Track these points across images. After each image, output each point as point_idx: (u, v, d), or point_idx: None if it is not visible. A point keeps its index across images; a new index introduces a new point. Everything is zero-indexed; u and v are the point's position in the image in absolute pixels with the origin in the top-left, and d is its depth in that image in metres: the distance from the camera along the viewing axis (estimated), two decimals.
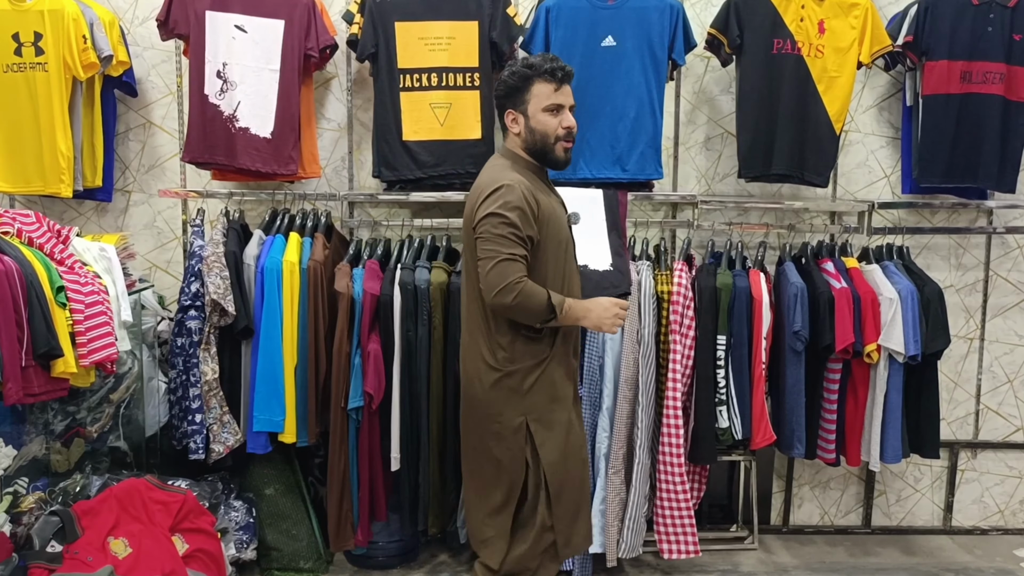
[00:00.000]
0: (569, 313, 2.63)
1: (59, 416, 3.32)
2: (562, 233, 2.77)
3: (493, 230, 2.59)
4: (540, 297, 2.58)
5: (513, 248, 2.58)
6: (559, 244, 2.75)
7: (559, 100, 2.71)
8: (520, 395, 2.73)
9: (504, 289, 2.55)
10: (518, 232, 2.59)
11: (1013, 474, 4.31)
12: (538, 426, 2.75)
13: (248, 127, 3.65)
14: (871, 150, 4.12)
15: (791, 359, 3.66)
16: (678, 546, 3.62)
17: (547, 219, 2.69)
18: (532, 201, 2.63)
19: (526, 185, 2.66)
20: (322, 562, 3.75)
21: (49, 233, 3.05)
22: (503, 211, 2.59)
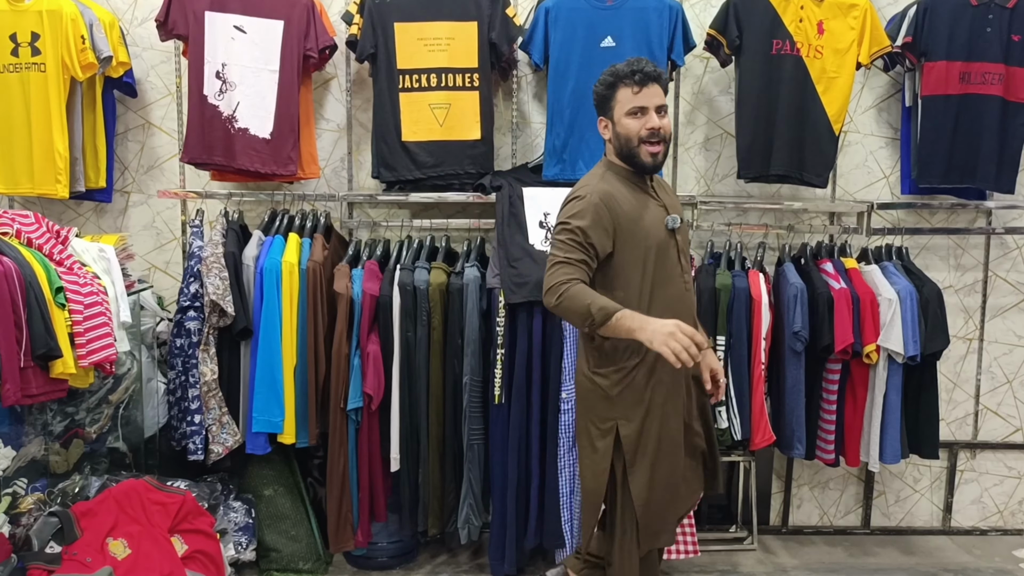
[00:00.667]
0: (620, 323, 2.51)
1: (58, 417, 3.32)
2: (649, 240, 2.73)
3: (558, 236, 2.69)
4: (582, 302, 2.54)
5: (570, 252, 2.63)
6: (646, 250, 2.72)
7: (641, 102, 2.71)
8: (603, 402, 2.79)
9: (550, 290, 2.60)
10: (578, 238, 2.63)
11: (1012, 475, 4.31)
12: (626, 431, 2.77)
13: (247, 128, 3.65)
14: (870, 151, 4.12)
15: (790, 359, 3.66)
16: (677, 546, 3.62)
17: (630, 226, 2.70)
18: (605, 211, 2.67)
19: (606, 194, 2.70)
20: (321, 563, 3.75)
21: (48, 234, 3.05)
22: (568, 219, 2.67)
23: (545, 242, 3.55)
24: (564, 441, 3.49)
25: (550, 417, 3.52)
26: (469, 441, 3.54)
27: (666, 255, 2.78)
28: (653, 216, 2.77)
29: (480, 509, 3.62)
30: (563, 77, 3.68)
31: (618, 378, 2.76)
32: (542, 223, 3.59)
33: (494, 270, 3.54)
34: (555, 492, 3.52)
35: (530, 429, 3.51)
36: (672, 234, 2.80)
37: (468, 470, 3.56)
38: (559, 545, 3.56)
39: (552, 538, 3.55)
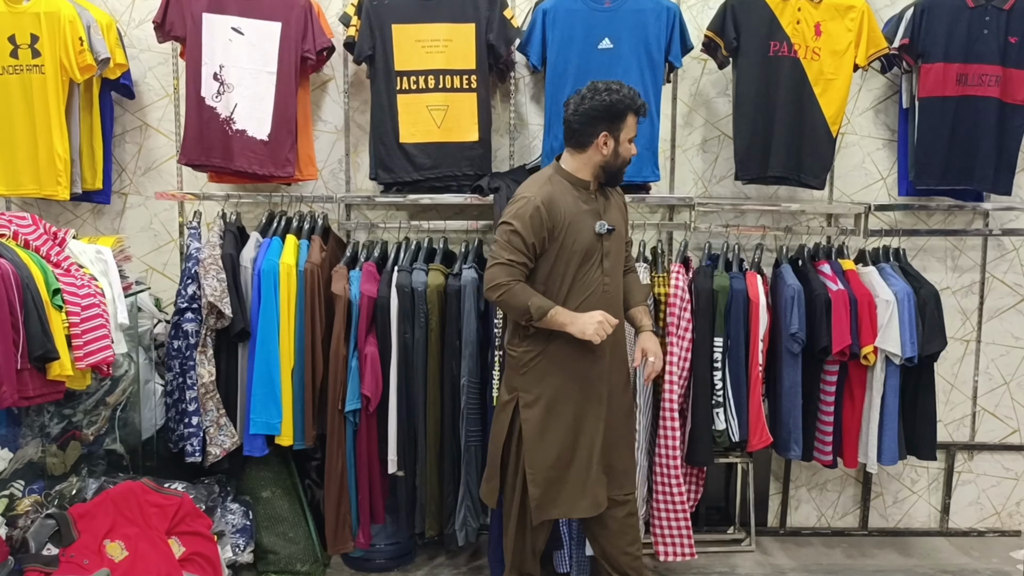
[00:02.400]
0: (553, 318, 2.95)
1: (55, 419, 3.31)
2: (582, 242, 3.03)
3: (501, 237, 2.99)
4: (521, 299, 2.95)
5: (512, 254, 2.96)
6: (575, 253, 3.02)
7: (635, 132, 3.08)
8: (516, 375, 3.12)
9: (494, 287, 2.98)
10: (518, 241, 2.95)
11: (1010, 476, 4.31)
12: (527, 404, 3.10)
13: (245, 129, 3.65)
14: (867, 152, 4.13)
15: (788, 361, 3.67)
16: (674, 548, 3.62)
17: (563, 229, 3.00)
18: (545, 214, 2.96)
19: (548, 197, 2.98)
20: (319, 565, 3.74)
21: (45, 236, 3.05)
22: (512, 220, 2.97)
23: None
24: None
25: None
26: (467, 443, 3.54)
27: (590, 258, 3.06)
28: (586, 221, 3.05)
29: (478, 511, 3.62)
30: (561, 79, 3.68)
31: (528, 358, 3.09)
32: None
33: None
34: None
35: None
36: (599, 238, 3.06)
37: (466, 472, 3.56)
38: (557, 546, 3.56)
39: (550, 540, 3.55)
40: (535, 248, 2.97)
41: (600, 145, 3.02)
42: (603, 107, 2.97)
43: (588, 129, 3.00)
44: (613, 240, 3.12)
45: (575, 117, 3.01)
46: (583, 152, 3.05)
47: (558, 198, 3.00)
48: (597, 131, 3.00)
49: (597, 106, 2.97)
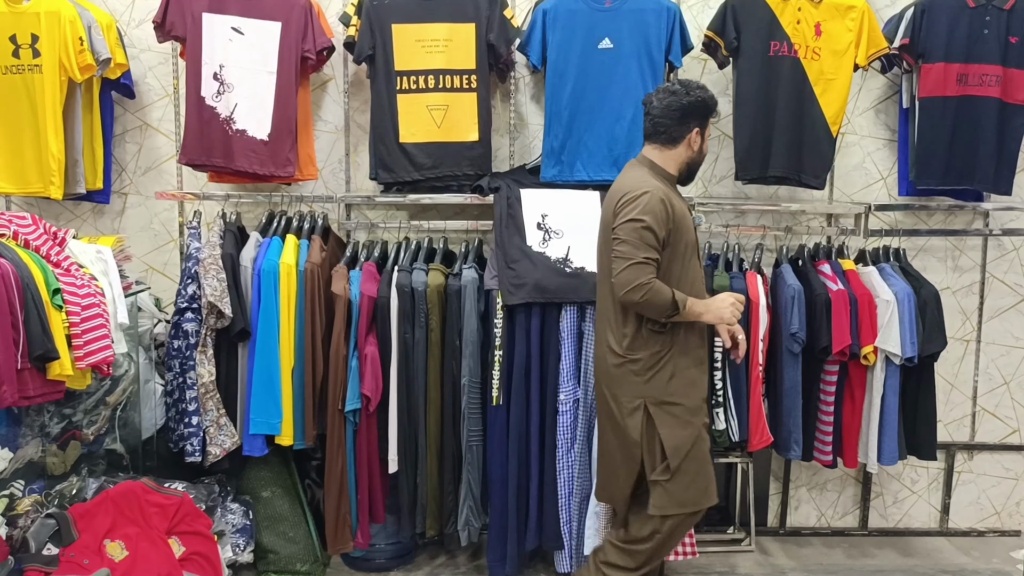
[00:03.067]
0: (691, 309, 2.95)
1: (55, 419, 3.31)
2: (690, 235, 3.07)
3: (631, 234, 2.91)
4: (666, 295, 2.89)
5: (647, 252, 2.90)
6: (687, 245, 3.04)
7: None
8: (641, 380, 3.03)
9: (635, 288, 2.87)
10: (649, 237, 2.90)
11: (1010, 476, 4.31)
12: (656, 409, 3.02)
13: (245, 129, 3.65)
14: (868, 152, 4.13)
15: (788, 361, 3.67)
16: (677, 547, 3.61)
17: (679, 222, 2.99)
18: (669, 205, 2.94)
19: (665, 193, 2.97)
20: (319, 565, 3.74)
21: (45, 235, 3.05)
22: (642, 216, 2.90)
23: (543, 243, 3.56)
24: (563, 442, 3.49)
25: (548, 418, 3.52)
26: (467, 442, 3.54)
27: (694, 252, 3.11)
28: (687, 215, 3.07)
29: (479, 511, 3.62)
30: (561, 79, 3.68)
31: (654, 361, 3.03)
32: (540, 224, 3.59)
33: (492, 271, 3.54)
34: (554, 494, 3.52)
35: (529, 430, 3.51)
36: (695, 231, 3.15)
37: (467, 471, 3.56)
38: (558, 547, 3.56)
39: (551, 540, 3.56)
40: (664, 242, 2.95)
41: (692, 141, 3.06)
42: (699, 104, 3.04)
43: (681, 126, 3.04)
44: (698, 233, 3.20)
45: (668, 113, 3.02)
46: (673, 148, 3.07)
47: (668, 191, 3.00)
48: (691, 128, 3.05)
49: (695, 102, 3.02)
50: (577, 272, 3.49)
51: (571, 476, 3.51)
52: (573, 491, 3.52)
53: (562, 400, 3.47)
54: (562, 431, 3.48)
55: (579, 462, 3.51)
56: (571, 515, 3.53)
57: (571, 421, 3.49)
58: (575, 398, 3.49)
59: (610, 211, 3.02)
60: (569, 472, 3.51)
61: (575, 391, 3.49)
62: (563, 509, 3.52)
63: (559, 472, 3.50)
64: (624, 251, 2.91)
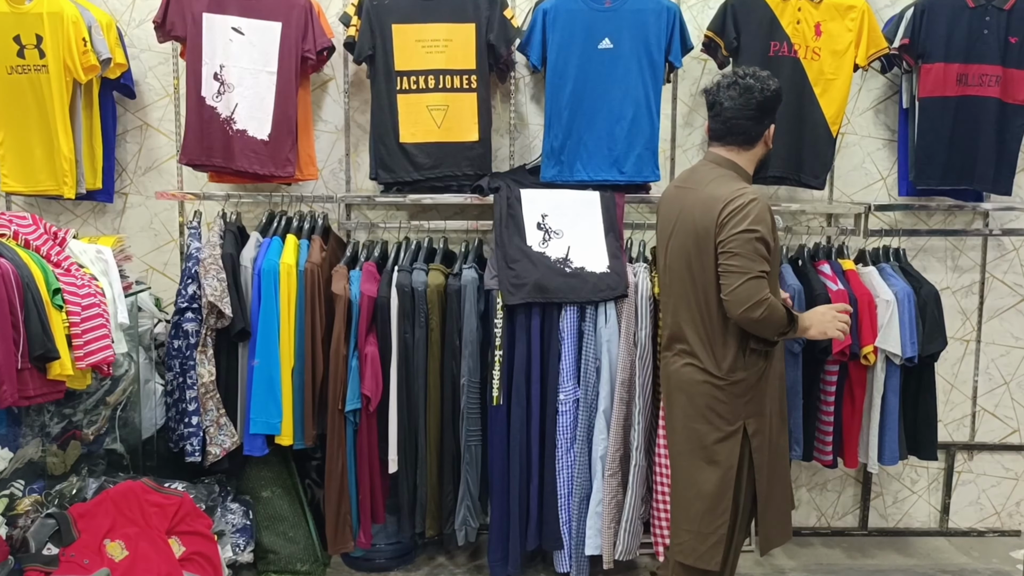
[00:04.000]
0: (801, 325, 2.80)
1: (55, 418, 3.31)
2: (778, 243, 2.91)
3: (744, 246, 2.69)
4: (781, 311, 2.72)
5: (762, 265, 2.70)
6: (779, 252, 2.93)
7: None
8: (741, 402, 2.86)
9: (755, 304, 2.66)
10: (763, 250, 2.71)
11: (1010, 476, 4.31)
12: (755, 431, 2.88)
13: (245, 129, 3.65)
14: (868, 152, 4.13)
15: (788, 361, 3.65)
16: None
17: (775, 233, 2.82)
18: (773, 218, 2.79)
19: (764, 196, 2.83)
20: (319, 565, 3.74)
21: (46, 235, 3.05)
22: (754, 226, 2.69)
23: (543, 243, 3.56)
24: (563, 442, 3.49)
25: (548, 418, 3.52)
26: (467, 442, 3.54)
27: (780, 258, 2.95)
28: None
29: (478, 510, 3.62)
30: (561, 79, 3.68)
31: (752, 380, 2.86)
32: (540, 224, 3.60)
33: (492, 271, 3.54)
34: (553, 494, 3.52)
35: (529, 430, 3.51)
36: None
37: (466, 471, 3.56)
38: (558, 547, 3.56)
39: (551, 540, 3.55)
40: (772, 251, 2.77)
41: (768, 138, 2.91)
42: (774, 98, 2.85)
43: (760, 125, 2.86)
44: None
45: (744, 113, 2.82)
46: (751, 148, 2.89)
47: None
48: (767, 124, 2.88)
49: (770, 97, 2.84)
50: (577, 272, 3.50)
51: (571, 476, 3.51)
52: (573, 491, 3.52)
53: (562, 400, 3.48)
54: (562, 431, 3.49)
55: (579, 462, 3.52)
56: (571, 515, 3.53)
57: (571, 421, 3.49)
58: (575, 398, 3.49)
59: (711, 220, 2.75)
60: (569, 472, 3.51)
61: (575, 391, 3.49)
62: (563, 509, 3.52)
63: (559, 472, 3.50)
64: (739, 265, 2.68)
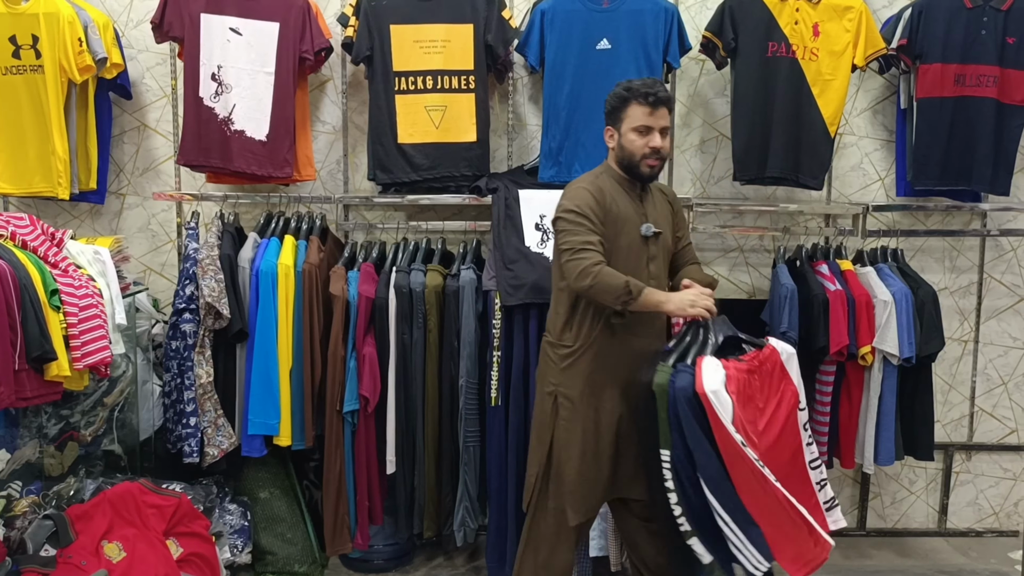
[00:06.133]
0: (649, 297, 2.79)
1: (52, 420, 3.31)
2: (632, 239, 2.94)
3: (563, 224, 2.87)
4: (617, 279, 2.76)
5: (585, 236, 2.81)
6: (618, 248, 2.91)
7: (649, 123, 2.91)
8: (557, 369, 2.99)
9: (581, 273, 2.77)
10: (586, 220, 2.83)
11: (1008, 476, 4.31)
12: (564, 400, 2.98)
13: (243, 130, 3.65)
14: (865, 153, 4.13)
15: None
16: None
17: (615, 219, 2.91)
18: (598, 204, 2.88)
19: (598, 188, 2.92)
20: (317, 566, 3.74)
21: (43, 236, 3.04)
22: (572, 206, 2.86)
23: (541, 244, 3.55)
24: None
25: None
26: (465, 443, 3.54)
27: (637, 259, 2.96)
28: (633, 221, 2.96)
29: (476, 511, 3.62)
30: (559, 79, 3.68)
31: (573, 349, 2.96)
32: (538, 225, 3.59)
33: (490, 272, 3.53)
34: None
35: (527, 431, 3.50)
36: (645, 241, 2.97)
37: (464, 472, 3.56)
38: None
39: None
40: (601, 224, 2.85)
41: (607, 139, 3.01)
42: (611, 99, 2.98)
43: (607, 126, 3.01)
44: (660, 245, 3.03)
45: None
46: (611, 150, 3.03)
47: (607, 190, 2.94)
48: (608, 125, 3.00)
49: (609, 100, 2.99)
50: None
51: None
52: None
53: None
54: None
55: None
56: None
57: None
58: None
59: None
60: None
61: None
62: None
63: None
64: (563, 242, 2.85)
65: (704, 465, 2.65)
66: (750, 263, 4.15)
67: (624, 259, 2.92)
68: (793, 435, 2.80)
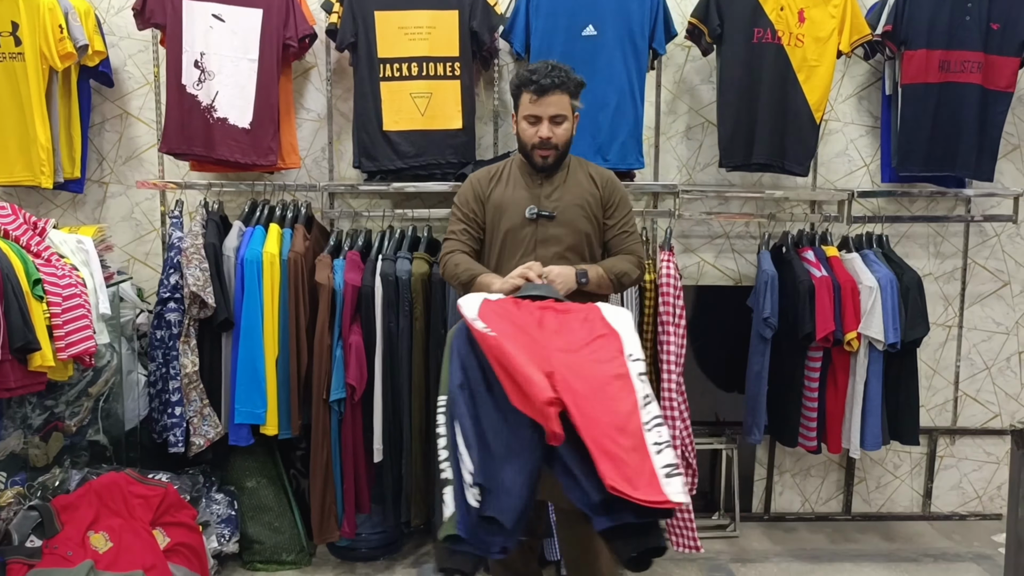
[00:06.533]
0: (482, 282, 2.85)
1: (37, 410, 3.29)
2: (504, 222, 2.94)
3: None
4: (457, 268, 2.92)
5: (454, 225, 3.02)
6: (501, 230, 2.94)
7: (536, 111, 2.85)
8: None
9: (439, 262, 3.03)
10: (458, 212, 3.01)
11: (991, 460, 4.35)
12: None
13: (226, 118, 3.62)
14: (851, 139, 4.14)
15: (756, 346, 3.71)
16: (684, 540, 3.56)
17: (495, 205, 2.97)
18: (474, 193, 3.00)
19: (486, 173, 3.03)
20: (305, 554, 3.74)
21: (25, 225, 3.02)
22: (457, 197, 3.06)
23: None
24: None
25: None
26: None
27: (521, 243, 2.93)
28: (520, 206, 2.93)
29: None
30: None
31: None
32: None
33: None
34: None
35: None
36: (532, 223, 2.92)
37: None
38: (547, 535, 3.57)
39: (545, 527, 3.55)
40: (476, 215, 2.98)
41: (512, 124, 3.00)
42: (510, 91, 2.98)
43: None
44: (566, 228, 2.93)
45: None
46: None
47: (504, 176, 2.99)
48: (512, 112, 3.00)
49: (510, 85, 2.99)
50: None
51: None
52: None
53: None
54: None
55: None
56: None
57: None
58: None
59: None
60: None
61: None
62: None
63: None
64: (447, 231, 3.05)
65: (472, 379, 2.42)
66: (736, 249, 4.15)
67: (507, 244, 2.93)
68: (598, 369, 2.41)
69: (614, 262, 2.97)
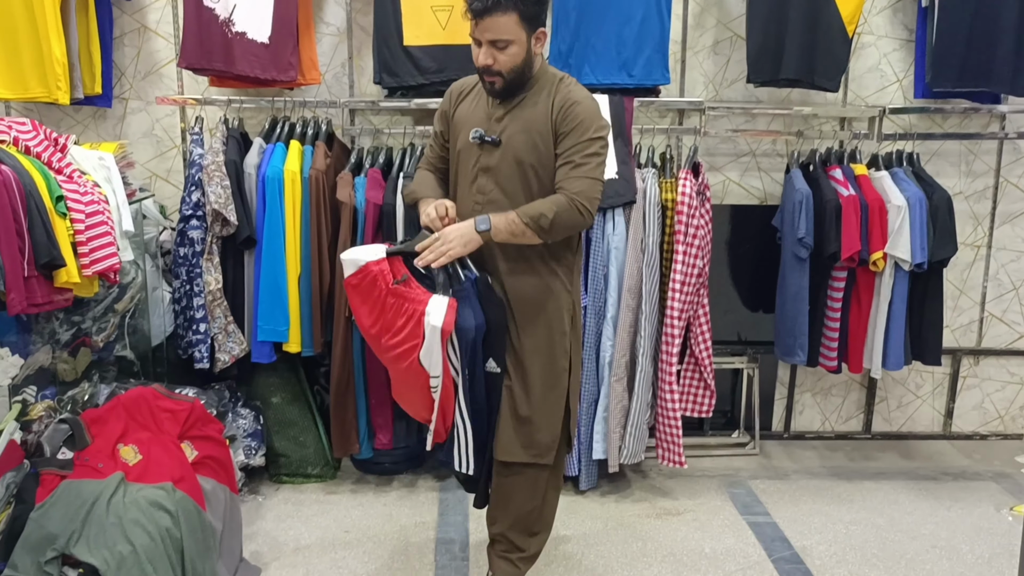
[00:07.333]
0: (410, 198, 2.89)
1: (64, 326, 3.33)
2: (459, 143, 2.76)
3: None
4: (407, 191, 2.97)
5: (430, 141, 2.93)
6: (462, 154, 2.75)
7: (476, 35, 2.59)
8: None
9: None
10: (434, 125, 2.90)
11: (1015, 380, 4.33)
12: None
13: (245, 32, 3.56)
14: (884, 53, 4.02)
15: (793, 266, 3.66)
16: (669, 454, 3.63)
17: (456, 124, 2.80)
18: (449, 104, 2.84)
19: (458, 88, 2.87)
20: (330, 468, 3.81)
21: (47, 141, 3.00)
22: None
23: None
24: None
25: None
26: None
27: (466, 167, 2.73)
28: (474, 124, 2.70)
29: None
30: None
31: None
32: None
33: None
34: None
35: None
36: (477, 147, 2.69)
37: None
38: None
39: None
40: (441, 131, 2.85)
41: None
42: None
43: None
44: (508, 158, 2.65)
45: None
46: None
47: (475, 90, 2.76)
48: None
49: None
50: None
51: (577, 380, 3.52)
52: (581, 396, 3.54)
53: None
54: None
55: (586, 368, 3.53)
56: (579, 420, 3.56)
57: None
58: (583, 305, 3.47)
59: None
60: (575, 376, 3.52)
61: (583, 298, 3.47)
62: None
63: None
64: None
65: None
66: (762, 168, 4.09)
67: (459, 166, 2.76)
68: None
69: (535, 204, 2.58)
